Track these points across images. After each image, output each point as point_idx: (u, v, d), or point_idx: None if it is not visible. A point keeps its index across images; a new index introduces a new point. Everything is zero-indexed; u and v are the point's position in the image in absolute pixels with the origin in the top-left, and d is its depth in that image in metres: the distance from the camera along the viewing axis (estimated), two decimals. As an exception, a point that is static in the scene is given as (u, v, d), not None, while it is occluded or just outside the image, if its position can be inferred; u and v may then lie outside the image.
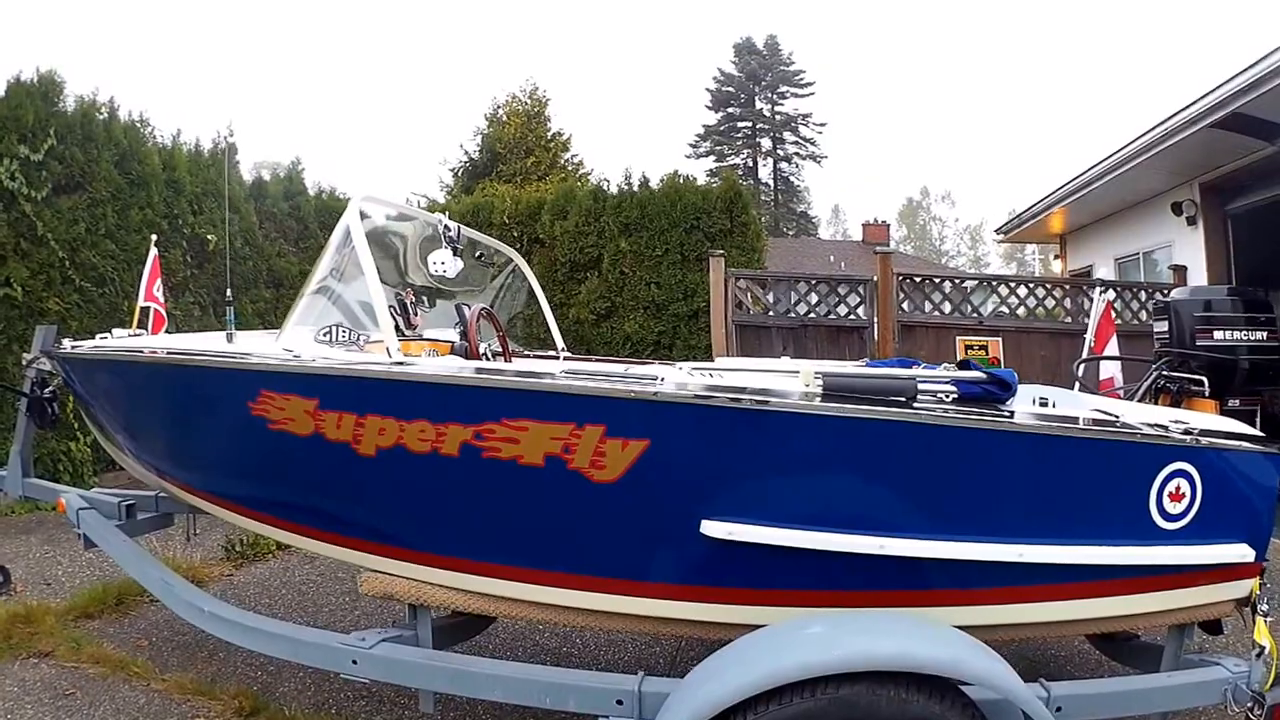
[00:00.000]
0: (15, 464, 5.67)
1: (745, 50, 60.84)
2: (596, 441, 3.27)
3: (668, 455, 3.28)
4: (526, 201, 14.00)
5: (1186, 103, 10.22)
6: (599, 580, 3.48)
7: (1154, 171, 12.12)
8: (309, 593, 6.48)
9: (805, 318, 11.39)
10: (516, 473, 3.36)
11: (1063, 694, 3.22)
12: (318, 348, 3.98)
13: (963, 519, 3.28)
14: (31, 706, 4.44)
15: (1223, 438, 3.49)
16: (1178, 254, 12.88)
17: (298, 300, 4.20)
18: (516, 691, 3.43)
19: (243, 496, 4.25)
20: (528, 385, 3.40)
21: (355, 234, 3.96)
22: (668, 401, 3.25)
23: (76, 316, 8.90)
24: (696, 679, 3.02)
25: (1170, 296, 6.57)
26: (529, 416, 3.33)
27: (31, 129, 8.75)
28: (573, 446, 3.29)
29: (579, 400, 3.31)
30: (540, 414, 3.32)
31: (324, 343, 4.08)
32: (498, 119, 27.57)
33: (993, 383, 3.33)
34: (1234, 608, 3.67)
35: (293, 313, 4.14)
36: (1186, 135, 10.33)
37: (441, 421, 3.42)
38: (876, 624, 3.13)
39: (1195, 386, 5.66)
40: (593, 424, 3.27)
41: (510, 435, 3.34)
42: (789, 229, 57.99)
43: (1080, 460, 3.34)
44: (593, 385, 3.33)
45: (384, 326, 3.76)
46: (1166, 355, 6.28)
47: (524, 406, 3.35)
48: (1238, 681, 3.37)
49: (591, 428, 3.27)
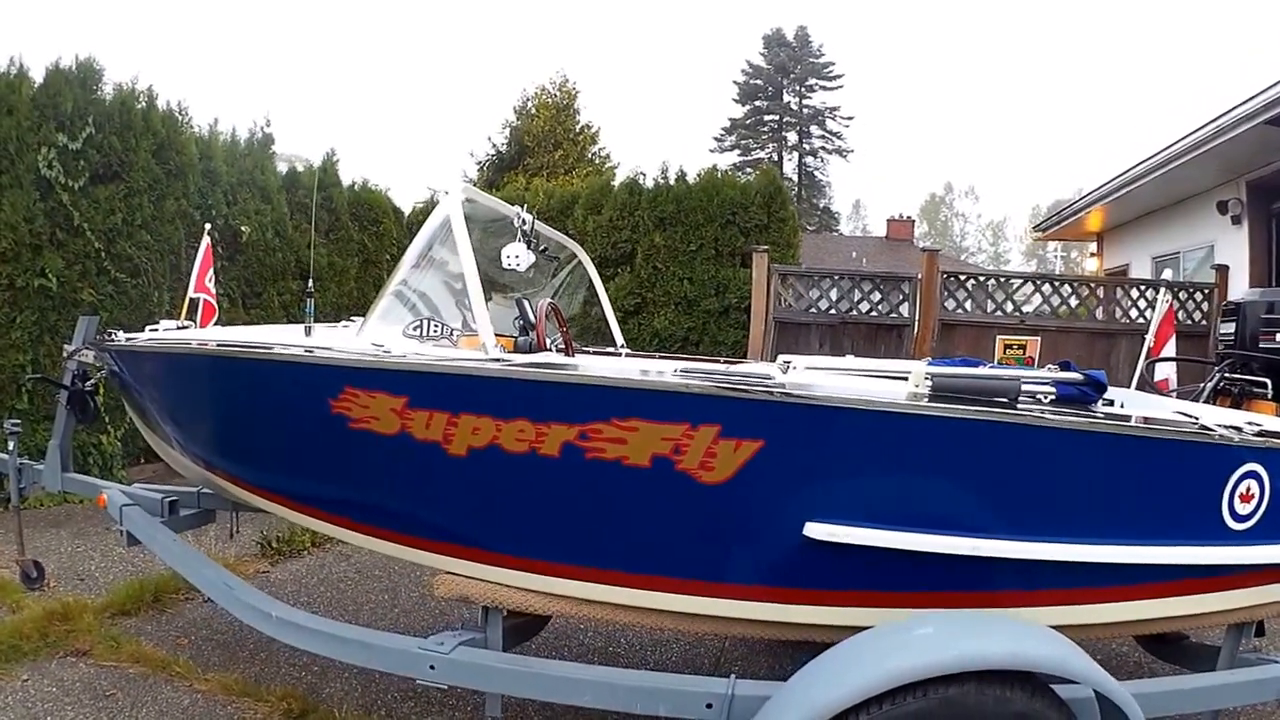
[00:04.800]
0: (54, 458, 5.56)
1: (775, 42, 60.66)
2: (710, 442, 3.21)
3: (779, 457, 3.24)
4: (559, 195, 13.83)
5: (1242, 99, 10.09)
6: (696, 583, 3.44)
7: (1202, 169, 11.95)
8: (347, 590, 6.40)
9: (846, 315, 11.27)
10: (620, 473, 3.30)
11: (1138, 691, 3.24)
12: (407, 343, 3.90)
13: (1053, 520, 3.28)
14: (71, 708, 4.33)
15: None
16: (1220, 253, 12.67)
17: (381, 294, 4.10)
18: (605, 696, 3.36)
19: (311, 495, 4.14)
20: (643, 385, 3.32)
21: (457, 227, 3.85)
22: (789, 403, 3.20)
23: (109, 308, 8.79)
24: (803, 682, 3.01)
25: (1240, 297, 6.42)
26: (641, 416, 3.26)
27: (70, 117, 8.62)
28: (684, 447, 3.23)
29: (696, 400, 3.24)
30: (653, 414, 3.26)
31: (414, 338, 4.02)
32: (526, 111, 27.51)
33: (1088, 384, 3.32)
34: None
35: (376, 306, 4.05)
36: (1240, 132, 10.19)
37: (543, 421, 3.34)
38: (984, 625, 3.15)
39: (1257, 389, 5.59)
40: (708, 424, 3.21)
41: (619, 435, 3.27)
42: (810, 224, 57.78)
43: (1164, 461, 3.35)
44: (711, 384, 3.24)
45: (481, 322, 3.68)
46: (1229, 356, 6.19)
47: (637, 406, 3.27)
48: None
49: (706, 428, 3.21)
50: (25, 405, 8.19)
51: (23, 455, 5.82)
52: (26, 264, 8.25)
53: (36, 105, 8.42)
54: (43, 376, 7.68)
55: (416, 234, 4.06)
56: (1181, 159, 11.72)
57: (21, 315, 8.27)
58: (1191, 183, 12.80)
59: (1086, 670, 2.90)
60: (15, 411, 7.89)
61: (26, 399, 8.24)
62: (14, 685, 4.54)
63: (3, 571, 6.18)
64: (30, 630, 5.04)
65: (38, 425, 7.94)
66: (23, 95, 8.30)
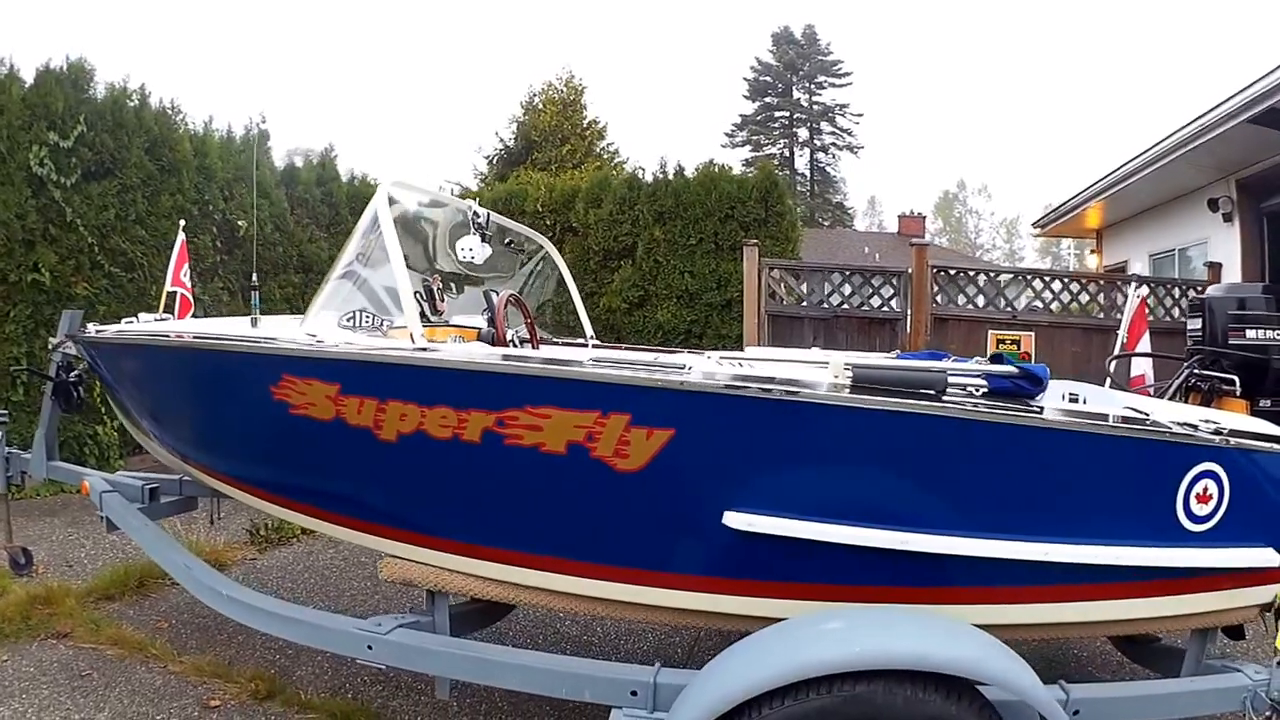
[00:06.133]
0: (40, 447, 5.71)
1: (783, 40, 60.62)
2: (621, 430, 3.21)
3: (692, 446, 3.23)
4: (560, 189, 13.91)
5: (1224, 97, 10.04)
6: (618, 570, 3.44)
7: (1191, 167, 11.91)
8: (331, 577, 6.51)
9: (838, 309, 11.28)
10: (538, 460, 3.32)
11: (1082, 697, 3.17)
12: (341, 333, 3.97)
13: (988, 516, 3.21)
14: (47, 687, 4.47)
15: (1252, 438, 3.39)
16: (1213, 251, 12.64)
17: (323, 285, 4.18)
18: (532, 680, 3.41)
19: (264, 481, 4.26)
20: (553, 373, 3.35)
21: (383, 219, 3.94)
22: (695, 391, 3.19)
23: (105, 301, 8.98)
24: (712, 672, 2.97)
25: (1206, 293, 6.40)
26: (553, 404, 3.28)
27: (61, 116, 8.82)
28: (596, 435, 3.24)
29: (604, 388, 3.26)
30: (565, 401, 3.28)
31: (347, 328, 4.08)
32: (533, 106, 27.52)
33: (1023, 377, 3.24)
34: (1258, 613, 3.60)
35: (318, 298, 4.12)
36: (1224, 130, 10.15)
37: (464, 408, 3.39)
38: (895, 622, 3.05)
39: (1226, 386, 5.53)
40: (618, 413, 3.21)
41: (533, 422, 3.30)
42: (824, 219, 57.71)
43: (1108, 458, 3.25)
44: (619, 374, 3.27)
45: (408, 312, 3.74)
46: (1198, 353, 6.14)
47: (548, 394, 3.30)
48: (1257, 689, 3.31)
49: (616, 416, 3.21)
50: (20, 397, 8.38)
51: (13, 445, 5.95)
52: (20, 259, 8.46)
53: (27, 105, 8.64)
54: (28, 368, 7.83)
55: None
56: (1169, 156, 11.69)
57: (15, 309, 8.48)
58: (1183, 180, 12.77)
59: (1002, 673, 2.77)
60: (10, 403, 8.09)
61: (21, 391, 8.42)
62: (-7, 665, 4.68)
63: (-9, 558, 6.30)
64: (13, 613, 5.20)
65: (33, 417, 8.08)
66: (13, 95, 8.53)
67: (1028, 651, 5.08)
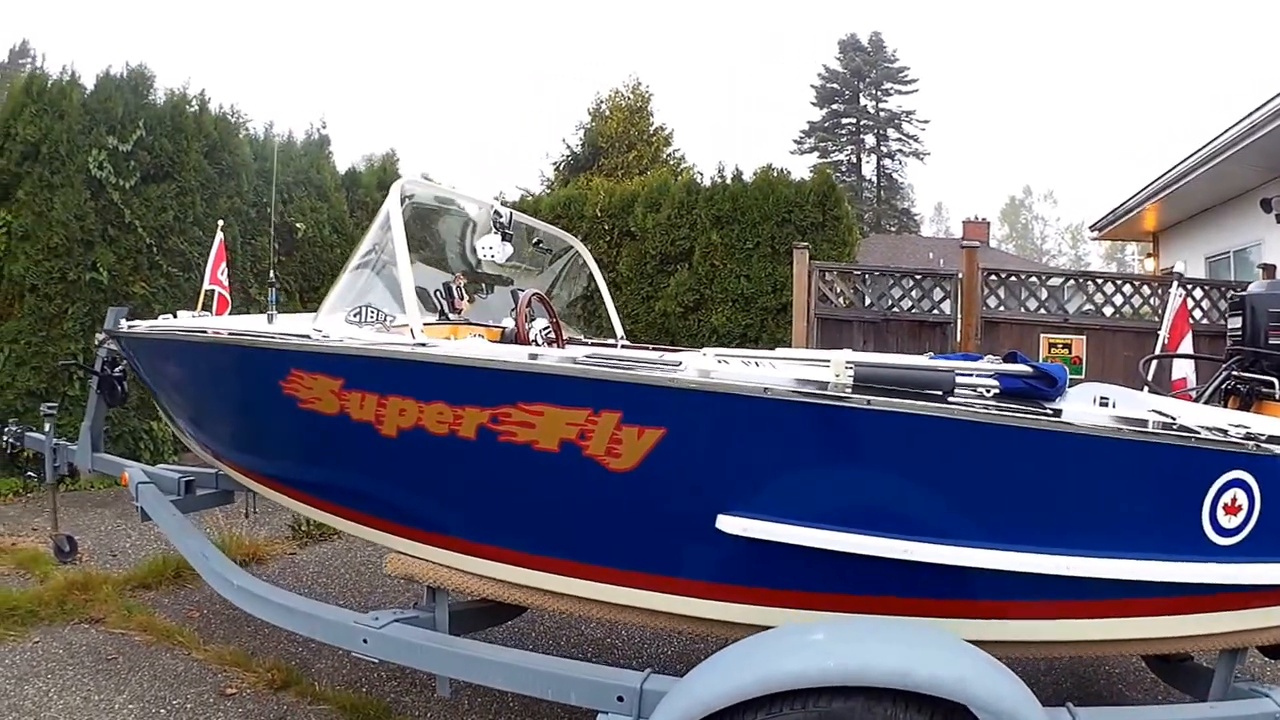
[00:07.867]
0: (85, 439, 5.90)
1: (850, 47, 60.24)
2: (612, 429, 3.15)
3: (684, 446, 3.14)
4: (620, 194, 13.91)
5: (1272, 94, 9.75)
6: (612, 572, 3.39)
7: (1242, 166, 11.60)
8: (366, 574, 6.59)
9: (888, 312, 11.14)
10: (532, 458, 3.29)
11: None
12: (347, 328, 4.00)
13: (995, 525, 3.02)
14: (73, 669, 4.62)
15: None
16: (1268, 252, 12.21)
17: (336, 281, 4.23)
18: (518, 680, 3.38)
19: (280, 475, 4.35)
20: (542, 369, 3.31)
21: (393, 215, 3.97)
22: (687, 389, 3.10)
23: (161, 300, 9.22)
24: (689, 681, 2.86)
25: (1246, 291, 6.15)
26: (545, 401, 3.25)
27: (120, 121, 9.11)
28: (588, 433, 3.19)
29: (594, 385, 3.20)
30: (556, 398, 3.23)
31: (354, 323, 4.11)
32: (601, 113, 27.73)
33: (1037, 377, 3.08)
34: None
35: (331, 294, 4.17)
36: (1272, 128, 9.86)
37: (459, 404, 3.39)
38: (879, 635, 2.86)
39: (1265, 388, 5.22)
40: (609, 410, 3.15)
41: (526, 419, 3.27)
42: (891, 225, 57.09)
43: (1127, 465, 3.03)
44: (609, 371, 3.20)
45: (408, 307, 3.76)
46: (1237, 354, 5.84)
47: (540, 390, 3.27)
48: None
49: (607, 414, 3.16)
50: (76, 392, 8.65)
51: (64, 437, 6.16)
52: (78, 259, 8.74)
53: (87, 110, 8.94)
54: (75, 363, 8.10)
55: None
56: (1220, 156, 11.41)
57: (74, 307, 8.77)
58: (1235, 180, 12.41)
59: (990, 697, 2.52)
60: (66, 397, 8.35)
61: (77, 386, 8.68)
62: (24, 646, 4.87)
63: (39, 545, 6.56)
64: (50, 598, 5.38)
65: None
66: (73, 101, 8.84)
67: (1060, 669, 4.95)
